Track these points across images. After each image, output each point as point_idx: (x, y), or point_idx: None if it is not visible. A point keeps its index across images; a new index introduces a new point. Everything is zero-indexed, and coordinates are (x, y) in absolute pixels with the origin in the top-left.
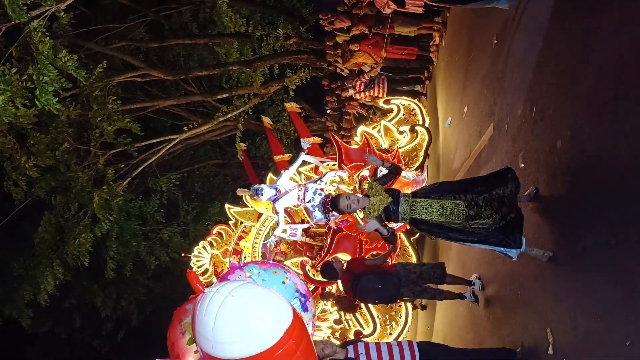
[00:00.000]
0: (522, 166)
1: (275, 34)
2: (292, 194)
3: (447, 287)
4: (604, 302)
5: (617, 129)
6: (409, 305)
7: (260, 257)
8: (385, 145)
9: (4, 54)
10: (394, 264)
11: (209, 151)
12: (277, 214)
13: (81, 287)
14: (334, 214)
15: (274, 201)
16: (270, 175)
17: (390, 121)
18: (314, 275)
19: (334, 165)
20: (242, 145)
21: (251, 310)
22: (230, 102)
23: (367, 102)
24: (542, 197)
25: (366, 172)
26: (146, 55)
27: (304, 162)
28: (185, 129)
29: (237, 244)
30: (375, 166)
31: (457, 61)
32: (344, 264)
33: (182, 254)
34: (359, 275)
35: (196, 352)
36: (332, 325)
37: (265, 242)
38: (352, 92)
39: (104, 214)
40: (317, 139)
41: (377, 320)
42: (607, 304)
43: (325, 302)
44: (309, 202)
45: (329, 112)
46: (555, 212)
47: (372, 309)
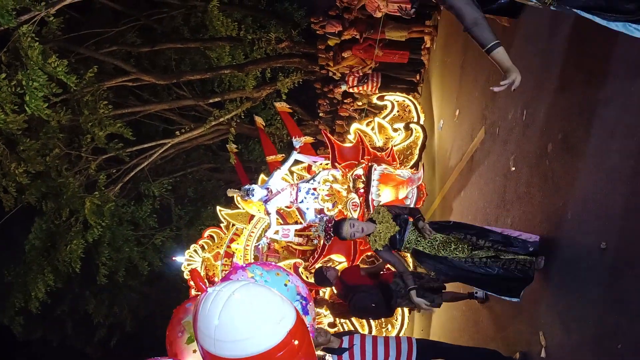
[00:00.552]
0: (514, 169)
1: (267, 38)
2: (284, 194)
3: (449, 288)
4: (595, 305)
5: (607, 132)
6: (405, 308)
7: (252, 260)
8: (379, 143)
9: None
10: (393, 273)
11: (201, 155)
12: (268, 215)
13: (73, 293)
14: (326, 214)
15: (266, 202)
16: (262, 176)
17: (384, 118)
18: (307, 277)
19: (327, 164)
20: (234, 147)
21: (255, 309)
22: (222, 106)
23: (359, 102)
24: (533, 201)
25: (360, 171)
26: (137, 59)
27: (297, 162)
28: (177, 133)
29: (228, 247)
30: (369, 165)
31: (449, 64)
32: (338, 272)
33: (172, 258)
34: (353, 289)
35: (195, 351)
36: (326, 328)
37: (257, 245)
38: (345, 87)
39: (96, 220)
40: (309, 138)
41: (372, 323)
42: (598, 308)
43: (318, 308)
44: (301, 203)
45: (321, 115)
46: (546, 216)
47: None
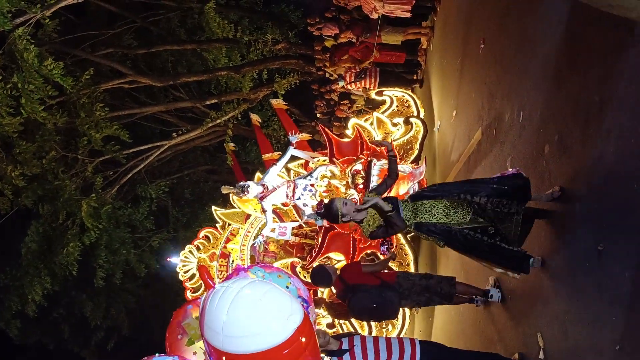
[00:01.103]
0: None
1: (263, 39)
2: (281, 190)
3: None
4: (593, 307)
5: (603, 133)
6: (407, 308)
7: (248, 260)
8: (378, 138)
9: None
10: (396, 273)
11: (198, 157)
12: (264, 212)
13: (70, 296)
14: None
15: (261, 199)
16: (257, 174)
17: (383, 113)
18: (305, 277)
19: (325, 160)
20: (231, 144)
21: (264, 305)
22: (219, 107)
23: (357, 104)
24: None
25: (359, 166)
26: (134, 61)
27: (293, 159)
28: (174, 135)
29: (224, 247)
30: (369, 160)
31: (445, 65)
32: (337, 270)
33: (167, 259)
34: (353, 288)
35: (195, 353)
36: (324, 329)
37: (253, 243)
38: (342, 83)
39: (93, 223)
40: (306, 135)
41: (372, 324)
42: (595, 309)
43: (316, 309)
44: (298, 199)
45: (318, 116)
46: (544, 217)
47: None
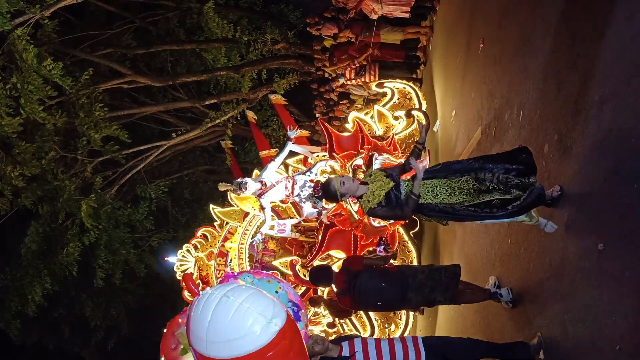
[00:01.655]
0: None
1: (262, 39)
2: (279, 187)
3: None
4: (593, 307)
5: (603, 133)
6: (410, 311)
7: (247, 258)
8: (379, 132)
9: None
10: (398, 266)
11: (197, 157)
12: (263, 209)
13: (70, 296)
14: (325, 207)
15: (260, 195)
16: (255, 171)
17: (384, 106)
18: (305, 275)
19: (324, 156)
20: (229, 142)
21: (245, 309)
22: (218, 107)
23: (357, 104)
24: None
25: (360, 161)
26: (133, 61)
27: (292, 155)
28: (173, 135)
29: (222, 246)
30: (370, 154)
31: (445, 65)
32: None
33: (164, 258)
34: (357, 273)
35: None
36: (325, 329)
37: (251, 241)
38: (342, 80)
39: (92, 223)
40: (305, 132)
41: (374, 322)
42: (596, 309)
43: (316, 308)
44: (297, 196)
45: (317, 116)
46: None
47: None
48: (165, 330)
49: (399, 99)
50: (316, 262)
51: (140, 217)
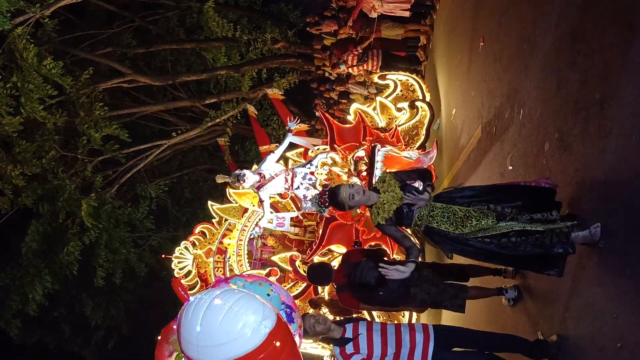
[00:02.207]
0: (511, 168)
1: (262, 38)
2: (279, 179)
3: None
4: (594, 305)
5: (604, 130)
6: (414, 311)
7: (245, 255)
8: (382, 123)
9: None
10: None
11: (198, 156)
12: (261, 203)
13: (70, 296)
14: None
15: (258, 188)
16: (255, 165)
17: (386, 98)
18: (305, 271)
19: (325, 148)
20: (224, 139)
21: (235, 313)
22: (218, 107)
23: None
24: None
25: (362, 153)
26: (133, 61)
27: (292, 148)
28: (173, 134)
29: (221, 243)
30: (372, 146)
31: (445, 64)
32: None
33: (163, 256)
34: (357, 264)
35: None
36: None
37: (250, 237)
38: (344, 67)
39: (92, 222)
40: (304, 126)
41: (377, 319)
42: (596, 307)
43: (315, 310)
44: (297, 189)
45: (318, 114)
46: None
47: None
48: (159, 337)
49: (401, 91)
50: (316, 258)
51: (140, 216)
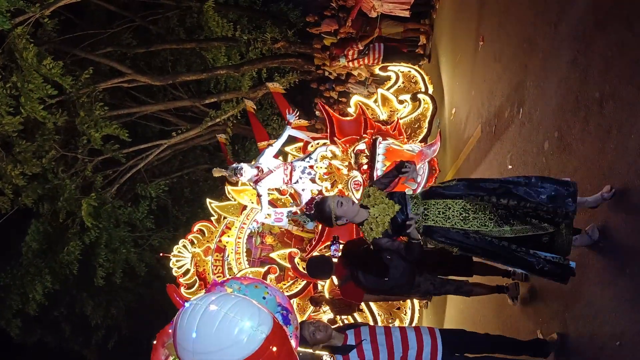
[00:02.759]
0: (510, 168)
1: (262, 38)
2: (277, 173)
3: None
4: (594, 304)
5: (603, 129)
6: (416, 300)
7: (244, 253)
8: (383, 116)
9: None
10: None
11: (198, 156)
12: (259, 197)
13: (70, 295)
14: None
15: (256, 182)
16: (253, 162)
17: (388, 89)
18: (304, 268)
19: (325, 142)
20: (223, 136)
21: (230, 318)
22: (218, 106)
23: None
24: None
25: (362, 146)
26: (133, 60)
27: (291, 142)
28: (173, 134)
29: (219, 241)
30: (374, 139)
31: (444, 63)
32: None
33: (161, 254)
34: (358, 251)
35: None
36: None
37: (249, 234)
38: (343, 61)
39: (93, 222)
40: (304, 122)
41: (378, 318)
42: (596, 306)
43: (316, 307)
44: (296, 183)
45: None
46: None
47: (372, 305)
48: (155, 342)
49: (403, 83)
50: (315, 254)
51: (140, 216)
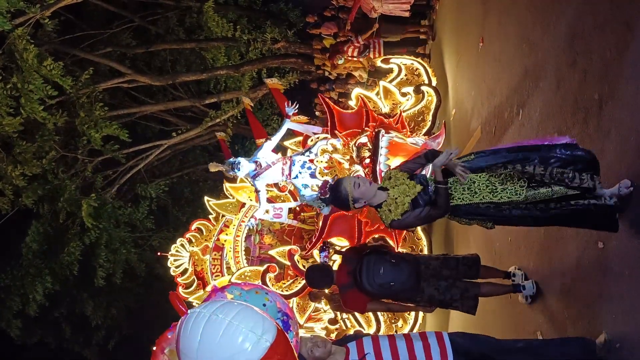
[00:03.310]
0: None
1: (262, 38)
2: (276, 168)
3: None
4: (592, 305)
5: (603, 130)
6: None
7: (243, 252)
8: (385, 109)
9: None
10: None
11: (198, 156)
12: (257, 193)
13: (71, 296)
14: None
15: (254, 177)
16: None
17: (390, 82)
18: (304, 267)
19: (326, 137)
20: (222, 134)
21: (235, 327)
22: (218, 106)
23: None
24: None
25: (365, 139)
26: (133, 61)
27: (291, 137)
28: (173, 134)
29: (217, 239)
30: (376, 131)
31: (444, 63)
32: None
33: (159, 253)
34: (361, 258)
35: None
36: (326, 325)
37: (246, 226)
38: (342, 61)
39: (93, 222)
40: (304, 118)
41: (380, 318)
42: (595, 307)
43: (316, 303)
44: (295, 178)
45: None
46: None
47: None
48: (154, 348)
49: (406, 75)
50: (316, 252)
51: (140, 216)
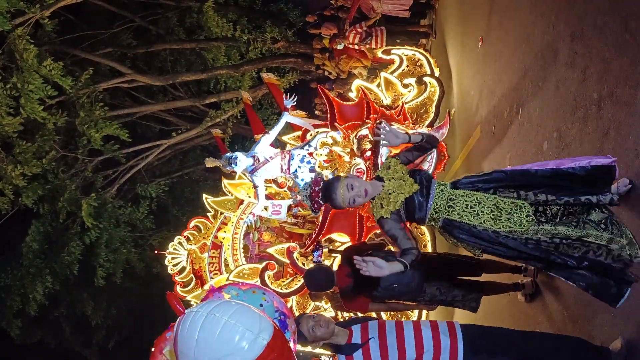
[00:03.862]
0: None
1: (262, 38)
2: (274, 162)
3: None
4: (591, 304)
5: (601, 130)
6: (424, 309)
7: (241, 249)
8: (387, 101)
9: None
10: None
11: (198, 156)
12: (256, 188)
13: (71, 295)
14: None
15: (252, 172)
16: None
17: (391, 73)
18: (304, 264)
19: (325, 130)
20: (219, 132)
21: (232, 326)
22: (218, 106)
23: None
24: None
25: (365, 131)
26: (133, 61)
27: (289, 132)
28: (173, 134)
29: (215, 237)
30: (378, 123)
31: (444, 63)
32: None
33: (157, 251)
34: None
35: None
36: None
37: (244, 223)
38: (341, 46)
39: (93, 222)
40: (302, 113)
41: (383, 315)
42: (595, 307)
43: (317, 302)
44: (294, 173)
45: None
46: None
47: None
48: (153, 349)
49: (408, 67)
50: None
51: (140, 216)
